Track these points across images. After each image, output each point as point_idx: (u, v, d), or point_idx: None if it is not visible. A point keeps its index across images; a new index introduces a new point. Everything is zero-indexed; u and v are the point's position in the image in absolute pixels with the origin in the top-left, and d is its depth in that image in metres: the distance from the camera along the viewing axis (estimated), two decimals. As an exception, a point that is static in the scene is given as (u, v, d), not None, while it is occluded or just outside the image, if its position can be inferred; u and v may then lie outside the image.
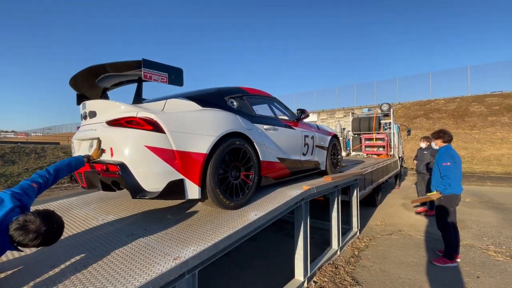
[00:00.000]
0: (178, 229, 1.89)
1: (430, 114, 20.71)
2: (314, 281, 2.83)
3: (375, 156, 8.89)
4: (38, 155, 12.99)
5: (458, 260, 3.29)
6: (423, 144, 6.07)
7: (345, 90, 28.50)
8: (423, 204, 5.82)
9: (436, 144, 3.58)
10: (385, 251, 3.67)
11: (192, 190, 1.99)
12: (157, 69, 1.92)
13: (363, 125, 9.36)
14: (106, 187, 1.99)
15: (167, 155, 1.89)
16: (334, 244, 3.52)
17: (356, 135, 9.59)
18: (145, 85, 2.27)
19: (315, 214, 4.90)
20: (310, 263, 2.85)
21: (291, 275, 2.78)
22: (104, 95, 2.54)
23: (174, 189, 1.91)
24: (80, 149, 2.27)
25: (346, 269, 3.11)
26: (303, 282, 2.69)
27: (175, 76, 2.03)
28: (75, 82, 2.31)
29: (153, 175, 1.84)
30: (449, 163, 3.29)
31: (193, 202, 2.59)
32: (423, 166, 5.95)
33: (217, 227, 1.87)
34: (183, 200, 2.67)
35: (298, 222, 2.75)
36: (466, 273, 3.05)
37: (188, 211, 2.28)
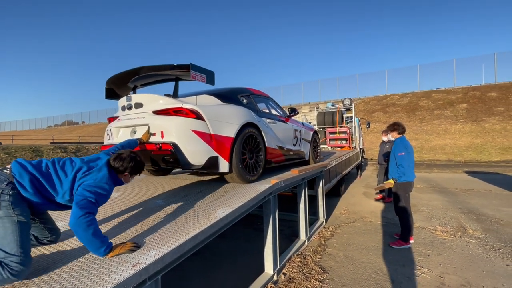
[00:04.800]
0: (139, 232, 1.75)
1: (386, 108, 22.39)
2: (283, 273, 2.87)
3: (338, 148, 9.35)
4: (-28, 157, 11.27)
5: (412, 241, 3.59)
6: (385, 138, 6.45)
7: (310, 85, 29.55)
8: (381, 191, 6.27)
9: (392, 136, 3.83)
10: (349, 238, 3.87)
11: (223, 165, 2.53)
12: (199, 71, 2.40)
13: (327, 119, 9.76)
14: (155, 164, 2.44)
15: (207, 138, 2.40)
16: (302, 235, 3.61)
17: (321, 129, 9.97)
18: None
19: (284, 207, 4.99)
20: (279, 256, 2.88)
21: (261, 269, 2.78)
22: (133, 92, 2.95)
23: (212, 163, 2.44)
24: (119, 135, 2.69)
25: (314, 258, 3.21)
26: (272, 275, 2.71)
27: (210, 77, 2.52)
28: (113, 81, 2.73)
29: (197, 152, 2.34)
30: (403, 153, 3.55)
31: (156, 202, 2.43)
32: (383, 158, 6.34)
33: (182, 227, 1.78)
34: (145, 200, 2.51)
35: (267, 216, 2.75)
36: (419, 252, 3.35)
37: (151, 214, 2.13)
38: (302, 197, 3.64)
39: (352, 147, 9.30)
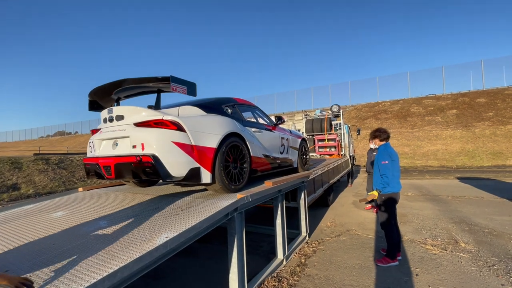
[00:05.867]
0: (52, 264, 1.41)
1: (378, 115, 22.40)
2: (253, 301, 2.53)
3: (327, 156, 9.09)
4: None
5: (399, 258, 3.29)
6: (372, 145, 6.24)
7: (303, 93, 29.60)
8: (370, 201, 5.98)
9: (375, 143, 3.58)
10: (332, 255, 3.54)
11: (205, 176, 2.47)
12: (179, 83, 2.40)
13: (315, 126, 9.54)
14: (136, 176, 2.34)
15: (188, 149, 2.37)
16: (279, 254, 3.27)
17: (309, 136, 9.73)
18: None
19: (265, 220, 4.66)
20: (249, 282, 2.54)
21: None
22: (117, 104, 2.91)
23: (193, 175, 2.39)
24: (101, 147, 2.63)
25: (290, 281, 2.87)
26: (239, 305, 2.36)
27: (191, 88, 2.52)
28: (96, 92, 2.71)
29: (178, 164, 2.31)
30: (387, 162, 3.28)
31: (99, 223, 2.10)
32: (371, 166, 6.11)
33: (108, 259, 1.44)
34: (89, 220, 2.18)
35: (232, 236, 2.42)
36: (406, 271, 3.04)
37: (84, 239, 1.79)
38: (279, 212, 3.32)
39: (342, 155, 9.05)
